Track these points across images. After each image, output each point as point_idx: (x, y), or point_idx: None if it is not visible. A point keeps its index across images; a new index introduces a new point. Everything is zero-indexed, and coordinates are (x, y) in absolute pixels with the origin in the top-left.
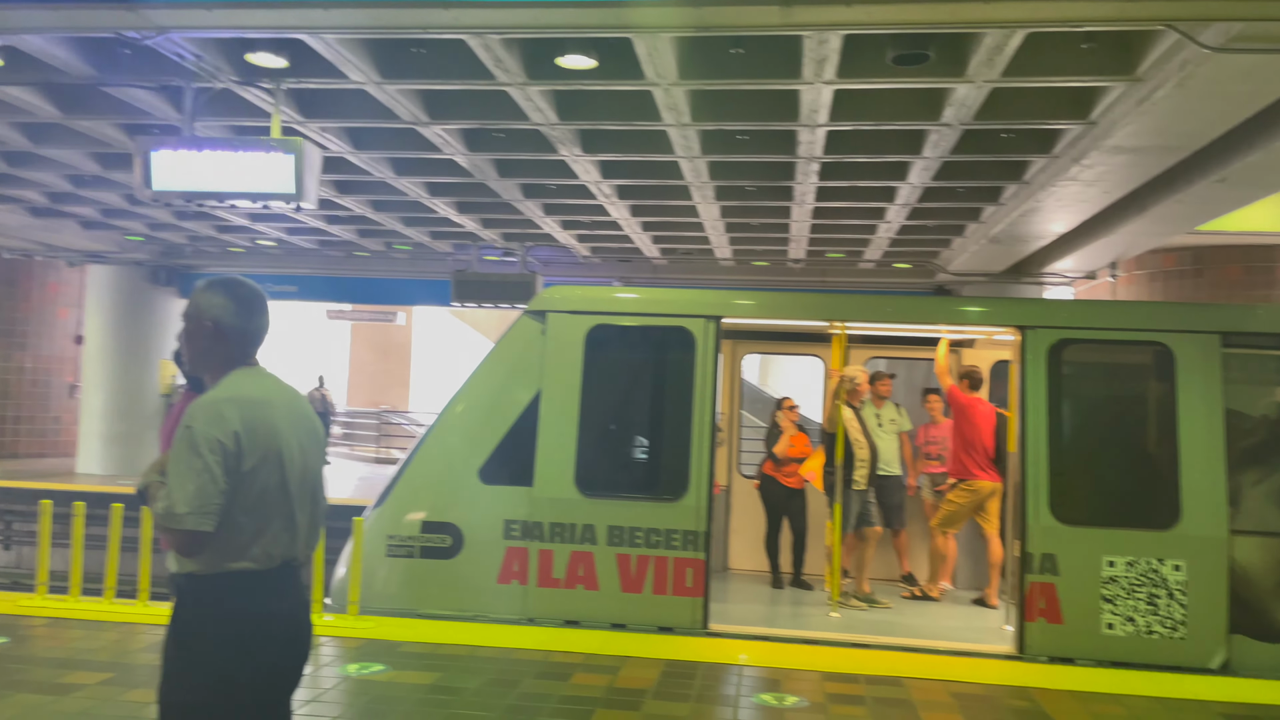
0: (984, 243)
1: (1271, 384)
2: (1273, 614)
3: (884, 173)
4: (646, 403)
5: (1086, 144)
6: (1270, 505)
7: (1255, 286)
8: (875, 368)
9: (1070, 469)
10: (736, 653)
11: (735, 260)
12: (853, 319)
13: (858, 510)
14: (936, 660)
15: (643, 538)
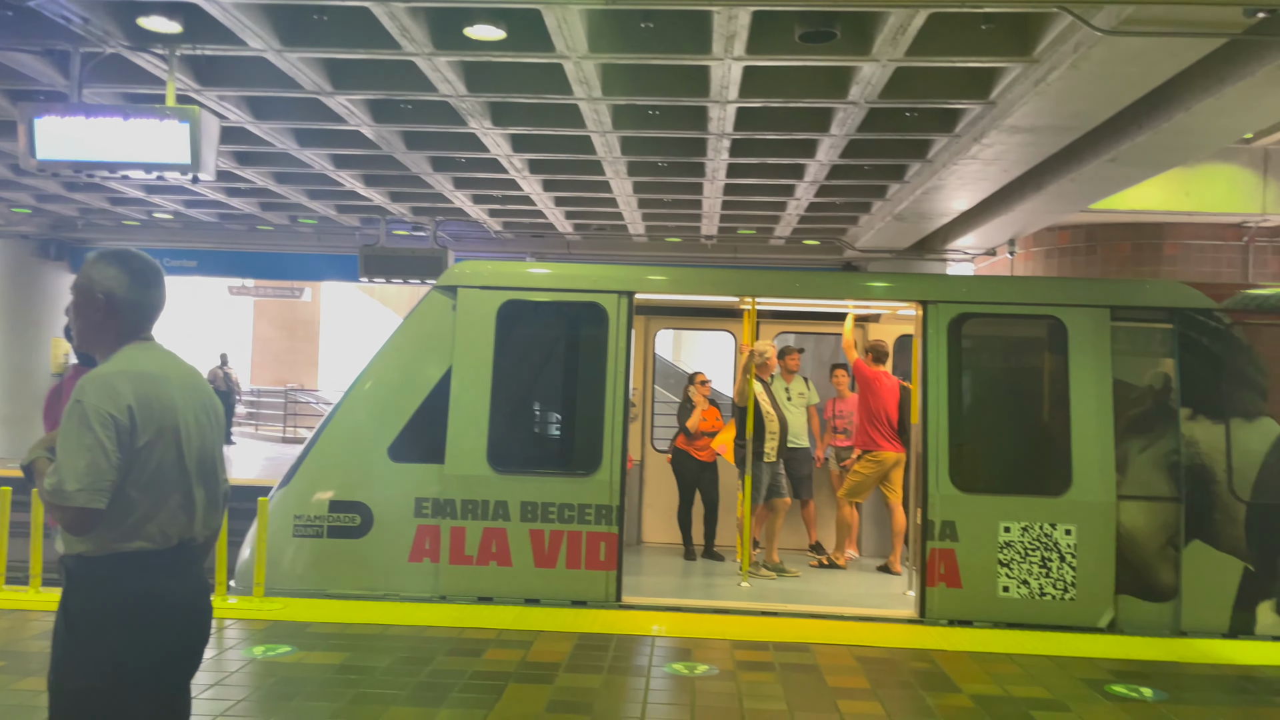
0: (889, 220)
1: (1156, 355)
2: (1157, 574)
3: (793, 150)
4: (559, 379)
5: (986, 124)
6: (1154, 471)
7: (1144, 262)
8: (785, 343)
9: (969, 439)
10: (649, 624)
11: (649, 236)
12: (762, 295)
13: (768, 482)
14: (842, 626)
15: (556, 513)
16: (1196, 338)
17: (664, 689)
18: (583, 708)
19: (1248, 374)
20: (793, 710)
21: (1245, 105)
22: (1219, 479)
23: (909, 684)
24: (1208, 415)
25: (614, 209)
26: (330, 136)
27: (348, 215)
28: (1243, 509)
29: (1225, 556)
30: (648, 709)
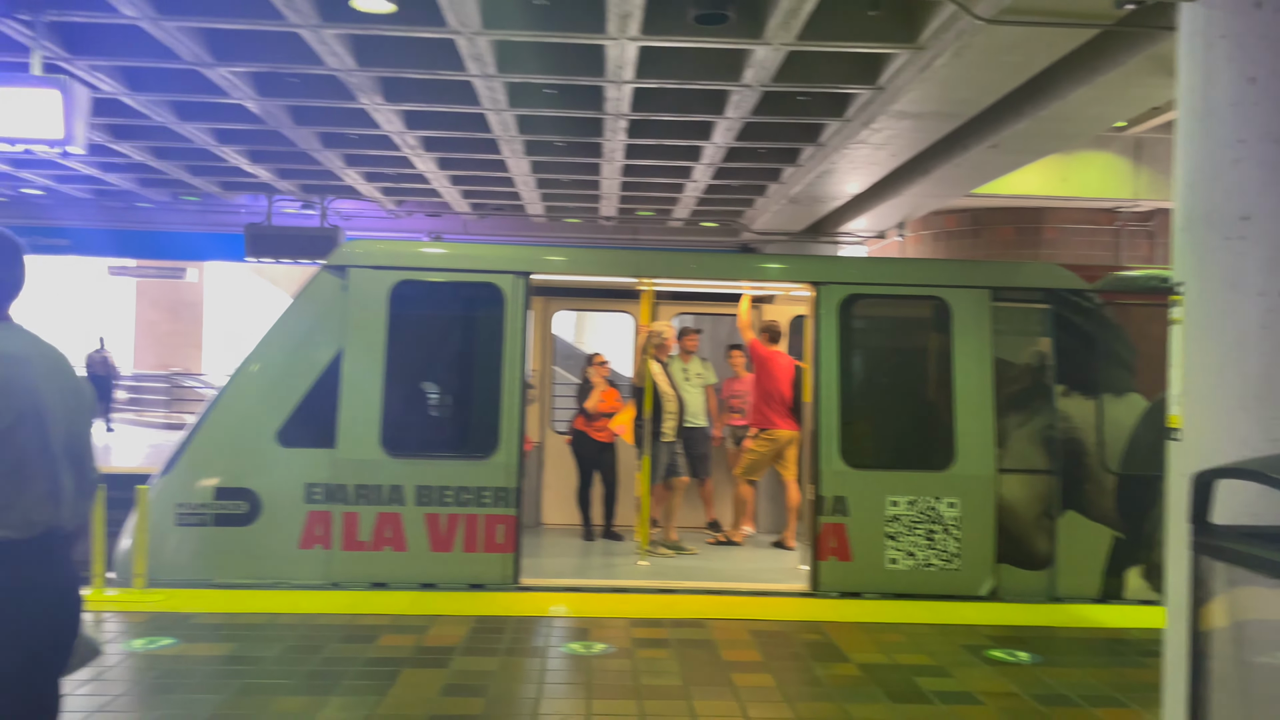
0: (784, 203)
1: (1033, 335)
2: (1034, 544)
3: (690, 132)
4: (455, 361)
5: (875, 109)
6: (1032, 445)
7: (1025, 245)
8: (683, 324)
9: (859, 416)
10: (547, 605)
11: (547, 216)
12: (660, 275)
13: (666, 461)
14: (737, 601)
15: (453, 496)
16: (1070, 317)
17: (561, 669)
18: (478, 690)
19: (1117, 351)
20: (687, 685)
21: (1116, 94)
22: (1091, 452)
23: (800, 655)
24: (1080, 391)
25: (512, 188)
26: (212, 110)
27: (233, 192)
28: (1113, 480)
29: (1097, 525)
30: (544, 689)
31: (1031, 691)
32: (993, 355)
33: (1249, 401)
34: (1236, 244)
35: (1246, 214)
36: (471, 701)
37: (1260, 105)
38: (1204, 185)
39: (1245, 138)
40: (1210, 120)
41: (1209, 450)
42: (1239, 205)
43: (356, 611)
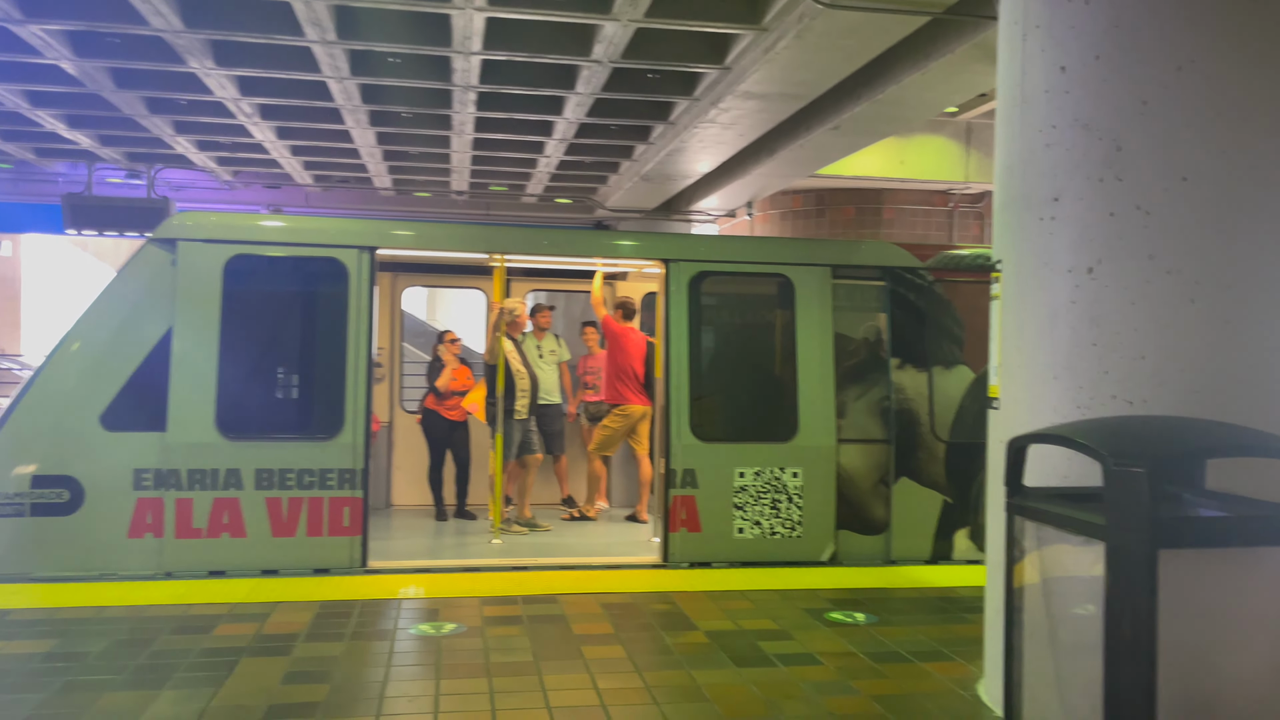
0: (637, 180)
1: (870, 310)
2: (871, 510)
3: (541, 106)
4: (296, 338)
5: (723, 88)
6: (869, 416)
7: (865, 225)
8: (536, 300)
9: (708, 391)
10: (396, 587)
11: (396, 190)
12: (511, 252)
13: (519, 439)
14: (590, 575)
15: (295, 479)
16: (904, 294)
17: (410, 650)
18: (321, 676)
19: (947, 326)
20: (538, 660)
21: (947, 80)
22: (922, 421)
23: (650, 626)
24: (913, 364)
25: (357, 160)
26: (24, 70)
27: (50, 160)
28: (943, 448)
29: (928, 491)
30: (391, 671)
31: (867, 650)
32: (833, 330)
33: (1059, 371)
34: (1048, 224)
35: (1057, 195)
36: (314, 689)
37: (1070, 93)
38: (1020, 168)
39: (1057, 123)
40: (1026, 106)
41: (1023, 418)
42: (1050, 187)
43: (191, 601)
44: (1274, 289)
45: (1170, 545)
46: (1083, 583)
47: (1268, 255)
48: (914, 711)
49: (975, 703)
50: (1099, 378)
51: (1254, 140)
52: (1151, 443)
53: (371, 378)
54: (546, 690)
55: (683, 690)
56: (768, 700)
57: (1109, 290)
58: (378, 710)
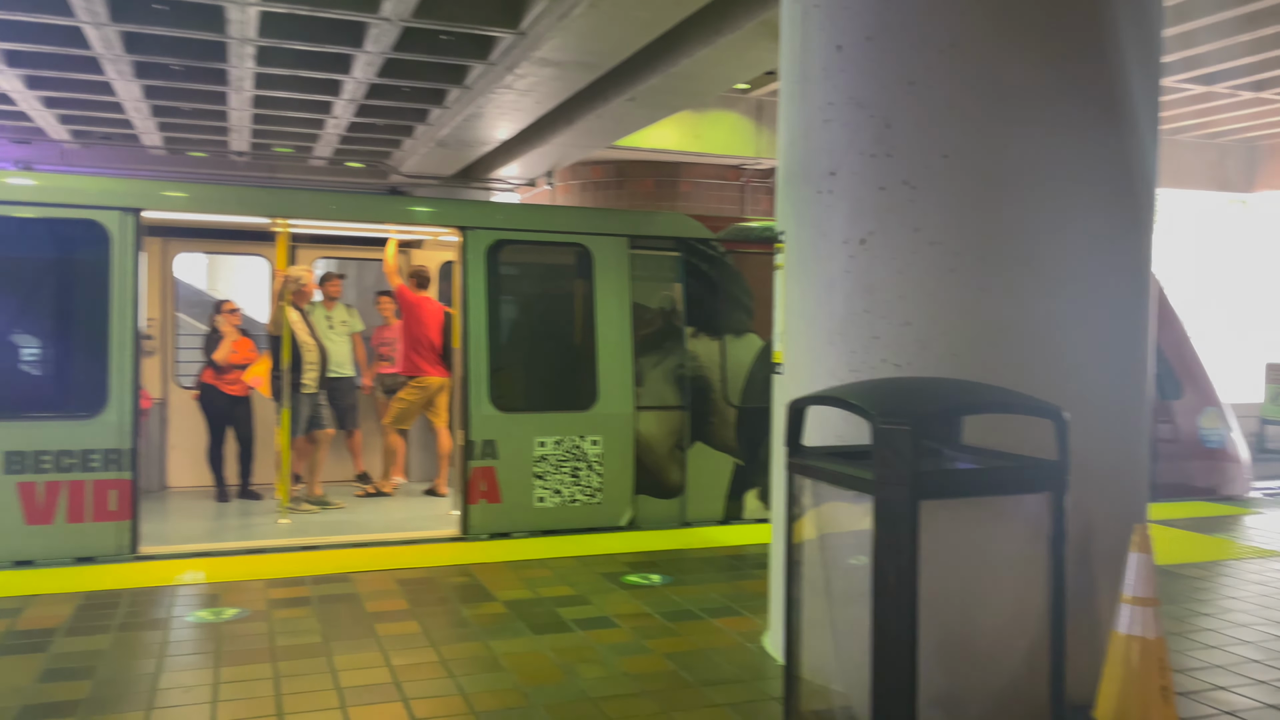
0: (433, 145)
1: (666, 280)
2: (667, 475)
3: (327, 64)
4: (49, 308)
5: (519, 54)
6: (666, 383)
7: (664, 198)
8: (326, 268)
9: (508, 361)
10: (172, 574)
11: (168, 149)
12: (296, 216)
13: (308, 414)
14: (385, 552)
15: (51, 462)
16: (698, 264)
17: (186, 639)
18: (84, 672)
19: (738, 296)
20: (328, 641)
21: (736, 56)
22: (715, 388)
23: (447, 599)
24: (707, 332)
25: (121, 115)
26: None
27: None
28: (734, 413)
29: (720, 455)
30: (165, 662)
31: (661, 610)
32: (631, 300)
33: (835, 337)
34: (826, 197)
35: (833, 170)
36: (76, 685)
37: (846, 71)
38: (800, 143)
39: (834, 100)
40: (806, 84)
41: (803, 381)
42: (828, 162)
43: None
44: (1023, 258)
45: (930, 496)
46: (855, 536)
47: (1019, 228)
48: (704, 666)
49: (761, 654)
50: (870, 342)
51: (1010, 121)
52: (914, 402)
53: (139, 351)
54: (336, 671)
55: (479, 661)
56: (564, 665)
57: (879, 260)
58: (149, 704)
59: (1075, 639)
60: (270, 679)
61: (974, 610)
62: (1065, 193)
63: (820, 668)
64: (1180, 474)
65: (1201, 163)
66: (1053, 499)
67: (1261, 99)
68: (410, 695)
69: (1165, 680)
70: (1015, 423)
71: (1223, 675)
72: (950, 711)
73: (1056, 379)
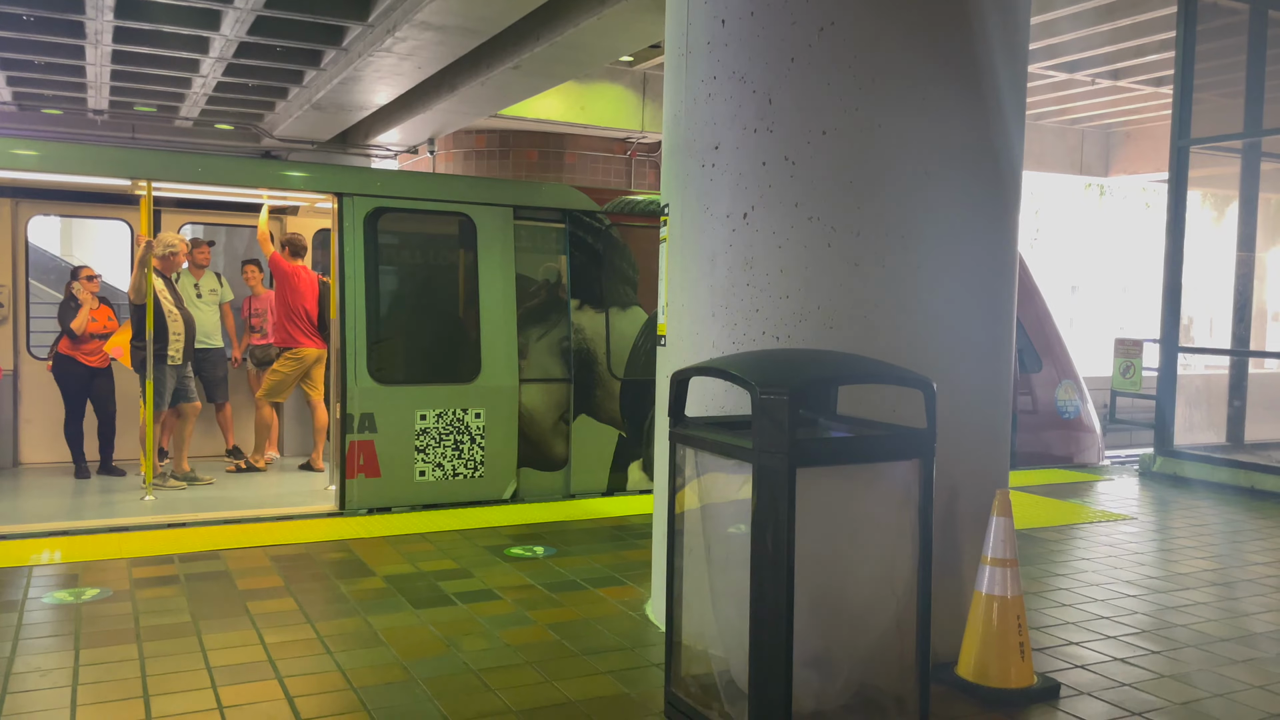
0: (308, 109)
1: (552, 252)
2: (552, 448)
3: (192, 19)
4: None
5: (399, 16)
6: (551, 356)
7: (549, 169)
8: (193, 234)
9: (387, 332)
10: (26, 554)
11: (18, 105)
12: (160, 178)
13: (173, 386)
14: (258, 528)
15: None
16: (583, 236)
17: (43, 621)
18: None
19: (623, 269)
20: (197, 620)
21: (622, 28)
22: (600, 360)
23: (324, 575)
24: (591, 305)
25: None
26: None
27: None
28: (618, 385)
29: (605, 427)
30: (19, 645)
31: (544, 581)
32: (515, 271)
33: (718, 310)
34: (709, 171)
35: (717, 144)
36: None
37: (730, 45)
38: (685, 117)
39: (717, 75)
40: (691, 57)
41: (687, 353)
42: (711, 136)
43: None
44: (895, 233)
45: (806, 464)
46: (735, 504)
47: (892, 205)
48: (586, 634)
49: (643, 621)
50: (751, 315)
51: (884, 99)
52: (792, 372)
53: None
54: (206, 650)
55: (358, 637)
56: (446, 639)
57: (760, 235)
58: (3, 688)
59: (940, 599)
60: (135, 660)
61: (846, 573)
62: (936, 171)
63: (700, 633)
64: (1038, 443)
65: (1063, 147)
66: (921, 466)
67: (1119, 87)
68: (285, 673)
69: (1023, 637)
70: (887, 393)
71: (1075, 631)
72: (823, 671)
73: (926, 350)
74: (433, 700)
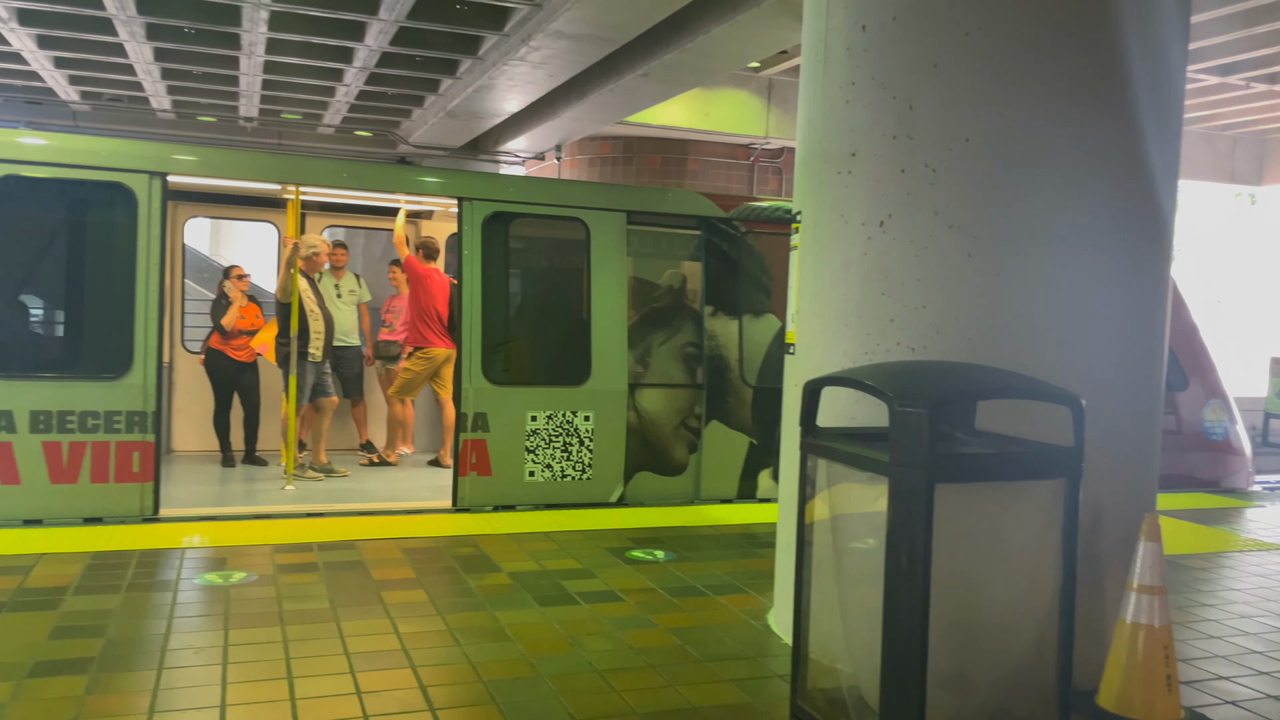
0: (443, 116)
1: (678, 257)
2: (674, 453)
3: (340, 31)
4: (78, 269)
5: (534, 26)
6: (675, 362)
7: (671, 175)
8: (335, 236)
9: (500, 333)
10: (179, 536)
11: (177, 113)
12: (309, 183)
13: (313, 382)
14: (389, 521)
15: (76, 422)
16: (716, 242)
17: (194, 601)
18: (94, 630)
19: (757, 276)
20: (335, 606)
21: (753, 34)
22: (733, 367)
23: (453, 569)
24: (725, 312)
25: (132, 77)
26: None
27: None
28: (750, 392)
29: (736, 434)
30: (174, 623)
31: (665, 585)
32: (628, 275)
33: (850, 319)
34: (845, 178)
35: (854, 151)
36: (87, 643)
37: (870, 51)
38: (820, 123)
39: (856, 80)
40: (829, 63)
41: (817, 362)
42: (849, 143)
43: None
44: (1041, 244)
45: (945, 480)
46: (867, 517)
47: (1037, 213)
48: (708, 641)
49: (765, 631)
50: (886, 325)
51: (1030, 105)
52: (930, 386)
53: (162, 314)
54: (345, 637)
55: (486, 631)
56: (570, 637)
57: (897, 243)
58: (160, 663)
59: (1081, 625)
60: (279, 642)
61: (984, 594)
62: (1085, 180)
63: (828, 647)
64: (1182, 465)
65: (1210, 154)
66: (1067, 486)
67: (1274, 91)
68: (419, 663)
69: (1170, 669)
70: (1026, 408)
71: (1225, 665)
72: (958, 693)
73: (1071, 365)
74: (559, 698)
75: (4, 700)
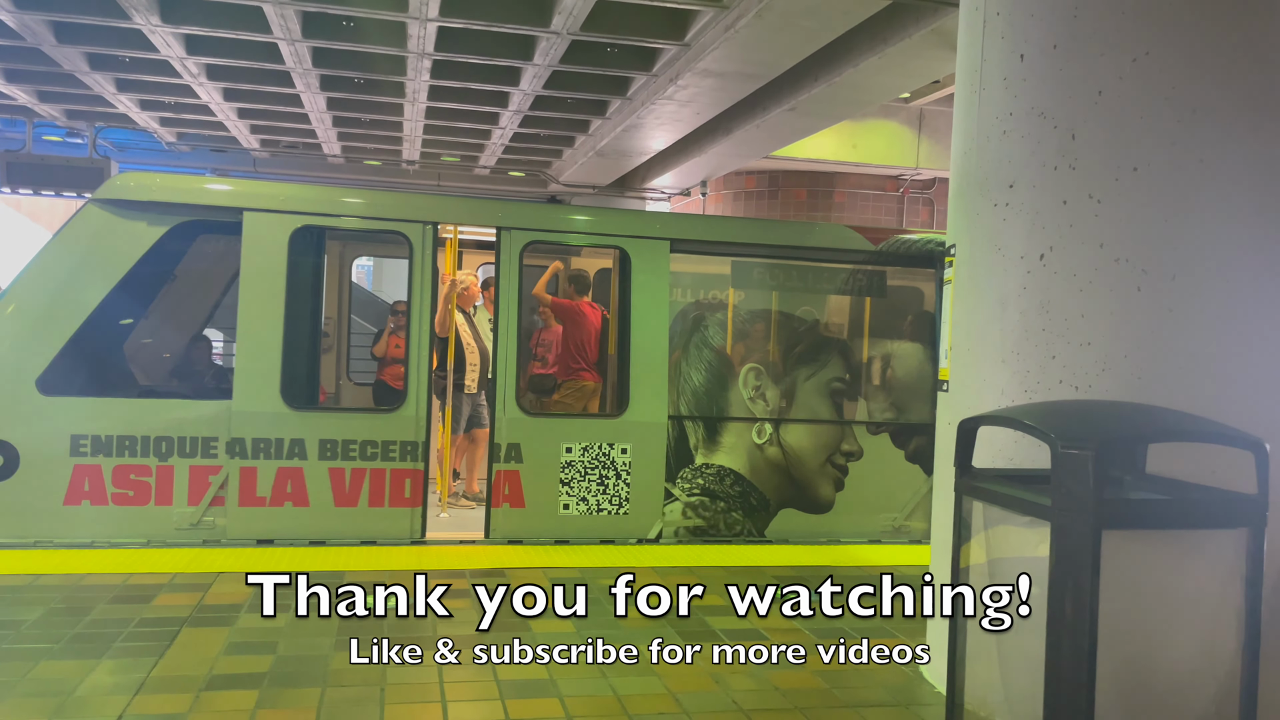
0: (591, 155)
1: (822, 291)
2: (817, 490)
3: (497, 77)
4: None
5: (681, 65)
6: (817, 397)
7: (817, 208)
8: (488, 273)
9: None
10: (342, 560)
11: (345, 158)
12: (465, 223)
13: (468, 413)
14: (535, 550)
15: (358, 450)
16: (865, 277)
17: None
18: (267, 647)
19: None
20: (483, 633)
21: (902, 65)
22: None
23: (598, 600)
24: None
25: (306, 125)
26: None
27: None
28: None
29: None
30: (336, 641)
31: (810, 625)
32: (669, 305)
33: (1008, 356)
34: (1002, 210)
35: (1012, 182)
36: (258, 660)
37: (1028, 81)
38: (976, 154)
39: (1014, 110)
40: (984, 93)
41: (971, 400)
42: (1006, 174)
43: (130, 570)
44: (1215, 279)
45: (1113, 526)
46: (1026, 562)
47: (1210, 246)
48: (856, 685)
49: (916, 678)
50: (1046, 362)
51: (1201, 133)
52: (1096, 426)
53: (432, 351)
54: (494, 665)
55: (630, 665)
56: (714, 674)
57: (1059, 277)
58: (325, 680)
59: (1268, 685)
60: (433, 665)
61: (1155, 648)
62: (1266, 210)
63: (985, 698)
64: None
65: None
66: (1250, 536)
67: None
68: (565, 693)
69: None
70: (1201, 452)
71: None
72: None
73: (1252, 407)
74: None
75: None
